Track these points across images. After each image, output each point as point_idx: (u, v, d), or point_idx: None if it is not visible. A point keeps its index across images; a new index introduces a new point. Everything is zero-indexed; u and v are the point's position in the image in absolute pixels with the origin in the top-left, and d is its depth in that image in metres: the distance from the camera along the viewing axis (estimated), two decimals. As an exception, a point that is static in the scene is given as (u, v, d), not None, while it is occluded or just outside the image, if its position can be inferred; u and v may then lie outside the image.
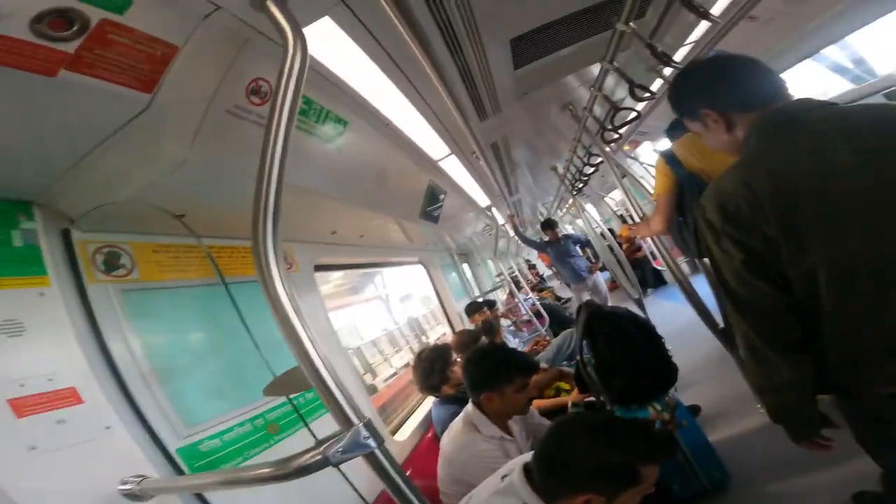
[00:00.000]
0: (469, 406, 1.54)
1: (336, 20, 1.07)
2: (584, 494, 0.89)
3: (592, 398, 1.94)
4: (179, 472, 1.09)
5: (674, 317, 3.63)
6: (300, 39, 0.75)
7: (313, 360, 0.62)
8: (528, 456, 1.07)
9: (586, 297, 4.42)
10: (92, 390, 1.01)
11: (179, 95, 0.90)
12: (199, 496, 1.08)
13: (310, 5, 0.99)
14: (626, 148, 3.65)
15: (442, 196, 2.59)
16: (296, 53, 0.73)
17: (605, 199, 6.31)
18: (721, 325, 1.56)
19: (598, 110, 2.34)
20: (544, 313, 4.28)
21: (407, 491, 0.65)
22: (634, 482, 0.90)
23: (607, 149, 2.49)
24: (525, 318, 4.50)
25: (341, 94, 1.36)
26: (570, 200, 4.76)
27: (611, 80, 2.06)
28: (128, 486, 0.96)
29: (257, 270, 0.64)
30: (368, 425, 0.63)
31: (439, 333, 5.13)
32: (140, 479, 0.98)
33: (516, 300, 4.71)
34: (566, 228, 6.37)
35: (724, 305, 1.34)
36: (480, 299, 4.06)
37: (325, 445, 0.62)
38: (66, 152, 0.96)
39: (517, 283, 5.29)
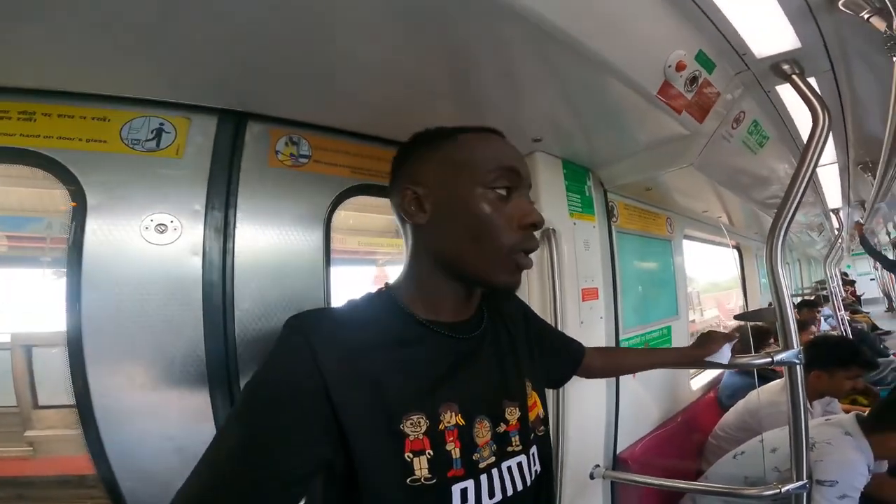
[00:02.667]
0: None
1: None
2: None
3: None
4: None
5: None
6: (827, 116, 1.04)
7: (784, 302, 1.09)
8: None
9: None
10: (602, 292, 1.52)
11: (709, 124, 1.25)
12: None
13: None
14: None
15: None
16: (825, 126, 1.04)
17: None
18: None
19: None
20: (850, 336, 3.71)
21: (802, 408, 1.09)
22: None
23: None
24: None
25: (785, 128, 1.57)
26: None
27: None
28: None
29: (766, 253, 1.09)
30: (801, 350, 1.06)
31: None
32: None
33: (818, 313, 4.13)
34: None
35: None
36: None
37: (774, 352, 1.07)
38: (620, 148, 1.41)
39: (825, 297, 4.62)
